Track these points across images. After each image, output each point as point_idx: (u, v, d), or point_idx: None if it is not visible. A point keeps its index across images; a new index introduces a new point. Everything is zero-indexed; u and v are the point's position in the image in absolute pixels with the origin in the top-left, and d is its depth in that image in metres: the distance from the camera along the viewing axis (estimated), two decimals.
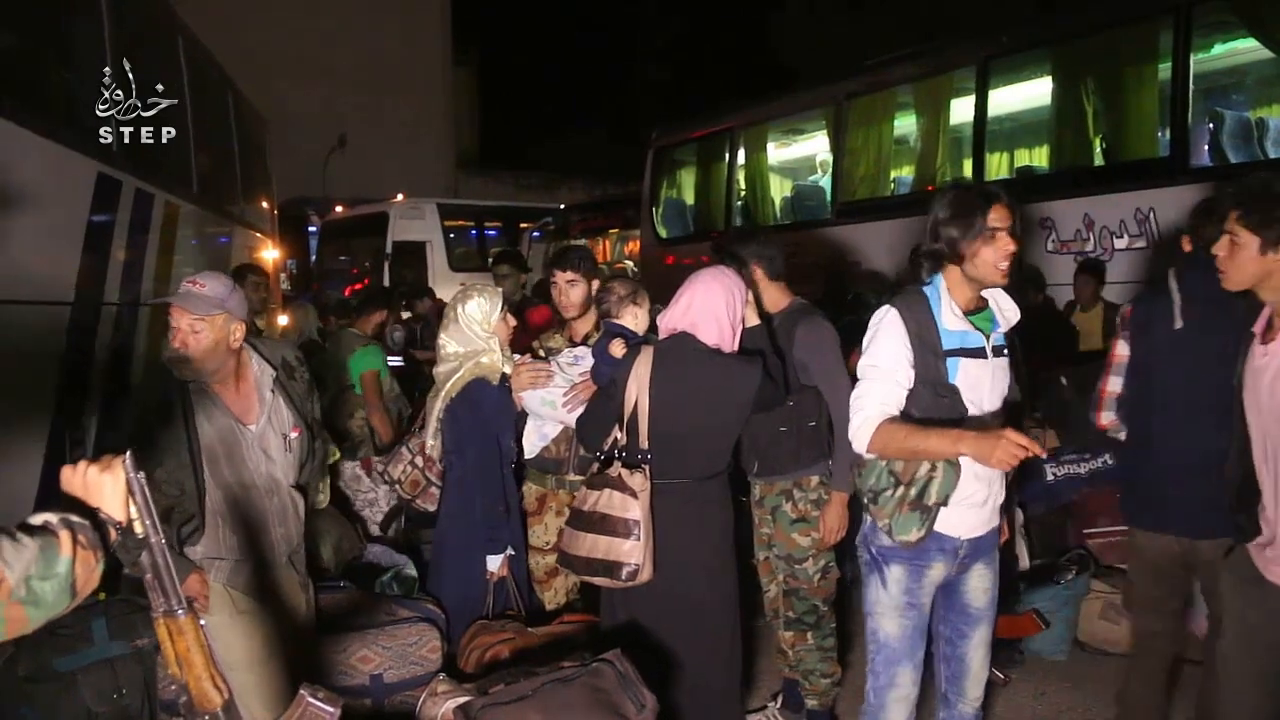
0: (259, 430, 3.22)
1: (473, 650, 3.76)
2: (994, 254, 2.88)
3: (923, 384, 2.92)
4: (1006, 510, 3.26)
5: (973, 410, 2.95)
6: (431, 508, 4.34)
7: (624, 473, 3.36)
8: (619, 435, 3.51)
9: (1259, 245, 2.70)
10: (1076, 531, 5.56)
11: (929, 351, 2.91)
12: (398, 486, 4.37)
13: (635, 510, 3.30)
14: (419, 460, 4.28)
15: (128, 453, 1.71)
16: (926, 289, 3.01)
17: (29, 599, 1.48)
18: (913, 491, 2.86)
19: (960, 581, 3.11)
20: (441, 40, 30.54)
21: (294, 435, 3.30)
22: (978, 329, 2.99)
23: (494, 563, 4.03)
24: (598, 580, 3.41)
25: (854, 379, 3.08)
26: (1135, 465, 3.71)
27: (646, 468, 3.38)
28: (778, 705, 4.33)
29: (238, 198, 10.10)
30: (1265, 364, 2.78)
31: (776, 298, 4.07)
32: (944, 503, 2.87)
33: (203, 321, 3.00)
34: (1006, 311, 3.09)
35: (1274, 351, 2.76)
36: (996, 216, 2.89)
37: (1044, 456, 4.14)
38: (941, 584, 3.09)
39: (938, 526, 2.93)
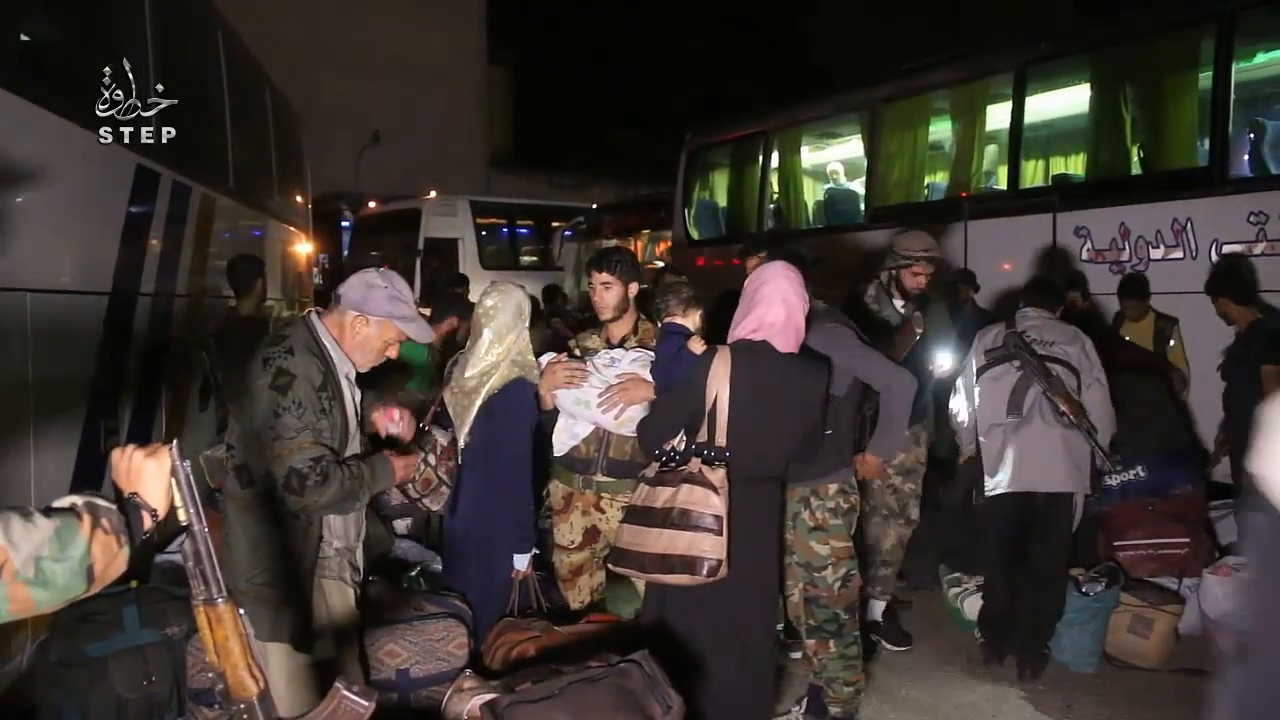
0: None
1: (499, 647, 3.78)
2: None
3: None
4: None
5: None
6: (437, 508, 4.30)
7: (704, 469, 3.33)
8: (684, 434, 3.50)
9: None
10: (1106, 544, 5.52)
11: None
12: (411, 486, 4.31)
13: (718, 505, 3.27)
14: (430, 459, 4.24)
15: (174, 440, 1.71)
16: None
17: (36, 580, 1.46)
18: None
19: None
20: (477, 38, 30.65)
21: None
22: None
23: (521, 561, 4.05)
24: (672, 578, 3.32)
25: None
26: None
27: (724, 465, 3.36)
28: (802, 710, 4.32)
29: (273, 192, 10.18)
30: None
31: None
32: None
33: None
34: None
35: None
36: None
37: None
38: None
39: None
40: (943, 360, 5.15)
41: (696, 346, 3.74)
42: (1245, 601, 1.93)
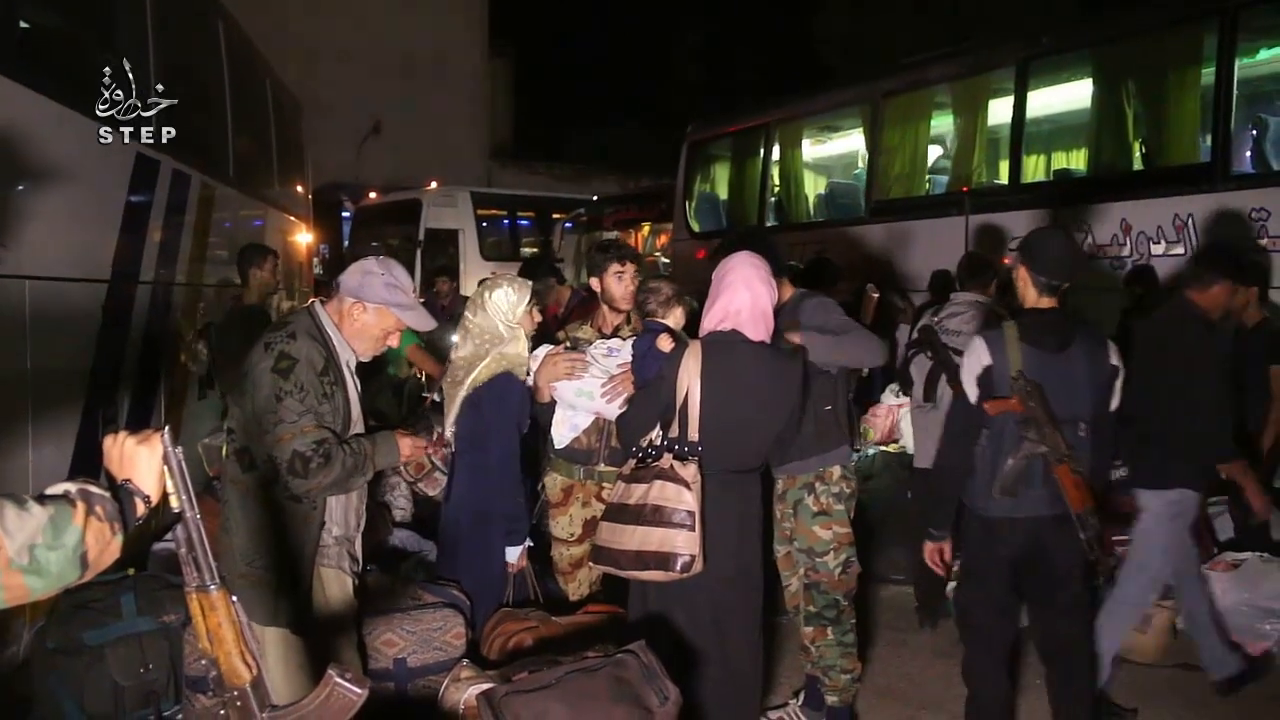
0: None
1: (496, 637, 3.78)
2: None
3: None
4: None
5: None
6: (433, 493, 4.30)
7: (676, 464, 3.31)
8: (659, 429, 3.47)
9: None
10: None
11: None
12: (403, 468, 4.30)
13: (689, 501, 3.25)
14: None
15: (166, 427, 1.70)
16: None
17: (31, 568, 1.47)
18: None
19: None
20: (478, 30, 30.58)
21: None
22: None
23: (513, 555, 4.04)
24: (647, 575, 3.31)
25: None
26: None
27: (696, 459, 3.34)
28: (799, 702, 4.32)
29: (273, 181, 10.16)
30: None
31: (782, 293, 4.05)
32: None
33: None
34: None
35: None
36: None
37: None
38: None
39: None
40: None
41: (664, 344, 3.71)
42: None
